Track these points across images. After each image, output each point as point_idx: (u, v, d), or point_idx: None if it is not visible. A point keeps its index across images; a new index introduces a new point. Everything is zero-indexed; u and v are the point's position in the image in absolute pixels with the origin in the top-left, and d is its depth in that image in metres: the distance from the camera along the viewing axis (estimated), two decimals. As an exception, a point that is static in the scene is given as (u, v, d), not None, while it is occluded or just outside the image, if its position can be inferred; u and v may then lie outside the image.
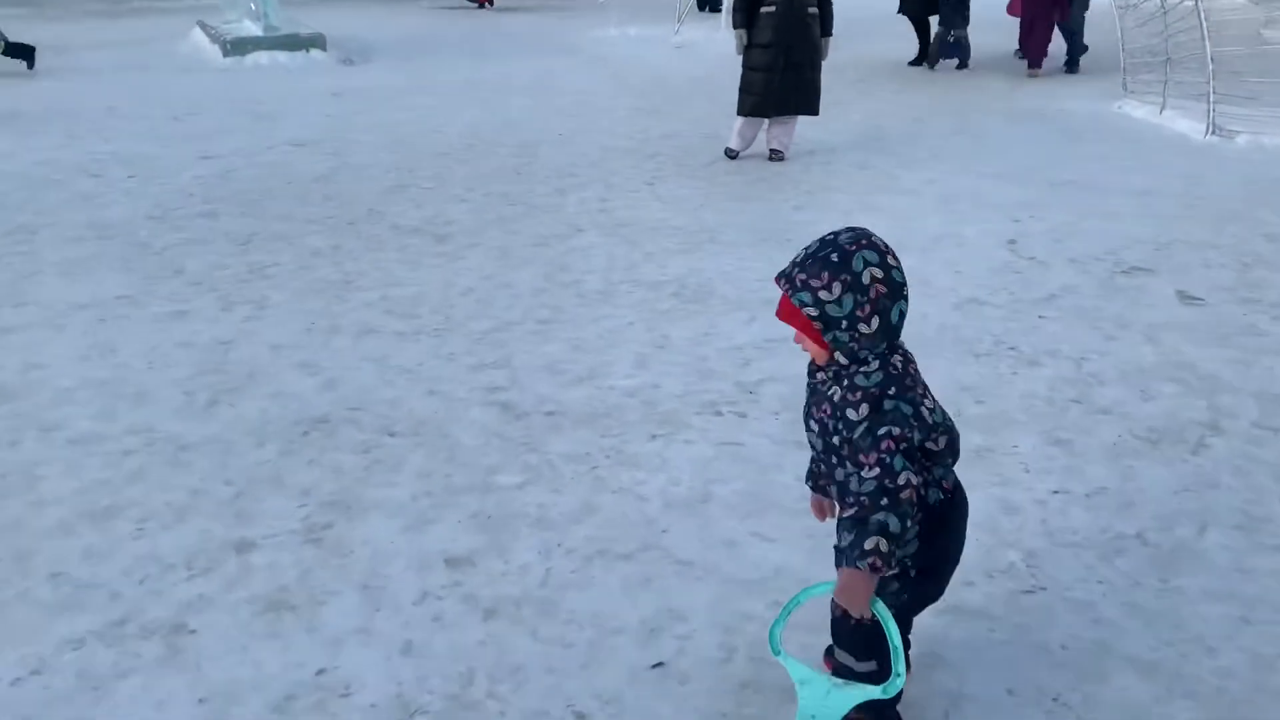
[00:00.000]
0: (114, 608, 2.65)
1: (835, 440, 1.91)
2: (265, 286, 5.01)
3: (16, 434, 3.55)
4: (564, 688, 2.39)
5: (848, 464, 1.90)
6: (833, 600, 1.94)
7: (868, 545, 1.80)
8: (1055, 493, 3.24)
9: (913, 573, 2.02)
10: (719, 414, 3.71)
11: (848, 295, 1.83)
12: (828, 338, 1.87)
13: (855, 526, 1.83)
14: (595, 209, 6.44)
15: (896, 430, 1.83)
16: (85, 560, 2.85)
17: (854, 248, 1.84)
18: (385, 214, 6.29)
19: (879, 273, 1.84)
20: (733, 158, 7.86)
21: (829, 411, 1.91)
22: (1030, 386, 3.97)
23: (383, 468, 3.33)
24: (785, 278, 1.89)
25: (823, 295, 1.83)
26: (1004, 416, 3.72)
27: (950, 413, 3.82)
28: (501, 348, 4.28)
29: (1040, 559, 2.90)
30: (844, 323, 1.85)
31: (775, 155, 7.84)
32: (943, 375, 3.98)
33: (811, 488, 2.23)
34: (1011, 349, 4.32)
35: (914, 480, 1.82)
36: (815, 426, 1.98)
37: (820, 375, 1.96)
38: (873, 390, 1.86)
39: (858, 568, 1.81)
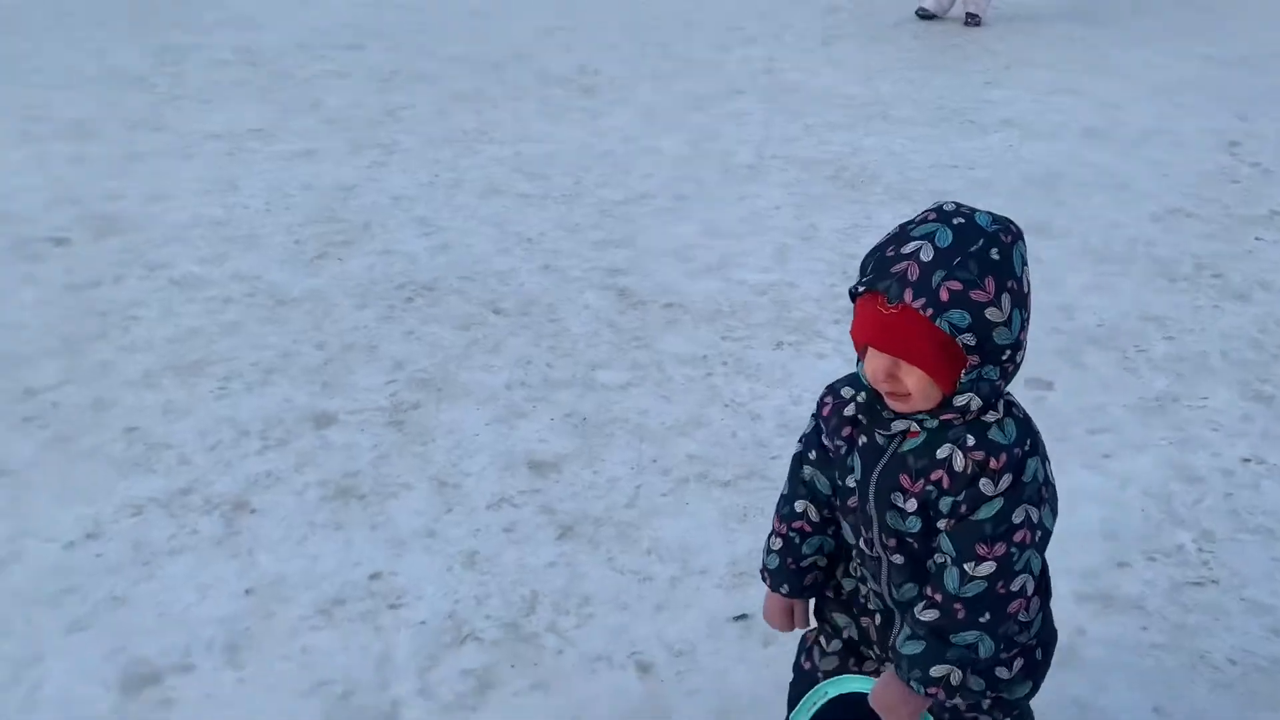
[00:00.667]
0: (181, 474, 2.52)
1: (944, 521, 1.30)
2: (398, 130, 4.77)
3: (123, 269, 3.46)
4: (632, 630, 2.13)
5: (948, 551, 1.30)
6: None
7: (936, 672, 1.29)
8: (1247, 461, 2.72)
9: (1039, 653, 1.46)
10: (858, 323, 3.30)
11: (1016, 312, 1.22)
12: (970, 376, 1.24)
13: (931, 638, 1.30)
14: (759, 69, 5.90)
15: (1035, 514, 1.28)
16: (163, 417, 2.73)
17: (1009, 238, 1.23)
18: (533, 58, 5.93)
19: (1029, 271, 1.26)
20: (924, 18, 7.09)
21: (946, 483, 1.29)
22: (1234, 324, 3.38)
23: (482, 348, 3.08)
24: (916, 289, 1.19)
25: (990, 315, 1.20)
26: (1197, 359, 3.17)
27: (1131, 348, 3.36)
28: (630, 223, 3.93)
29: (1218, 545, 2.43)
30: (1006, 353, 1.24)
31: (971, 20, 7.03)
32: (1128, 300, 3.43)
33: (779, 588, 1.52)
34: (1216, 276, 3.69)
35: (1031, 589, 1.30)
36: (908, 504, 1.32)
37: (900, 426, 1.31)
38: (1015, 450, 1.27)
39: (911, 688, 1.32)
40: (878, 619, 1.46)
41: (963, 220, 1.22)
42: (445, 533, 2.37)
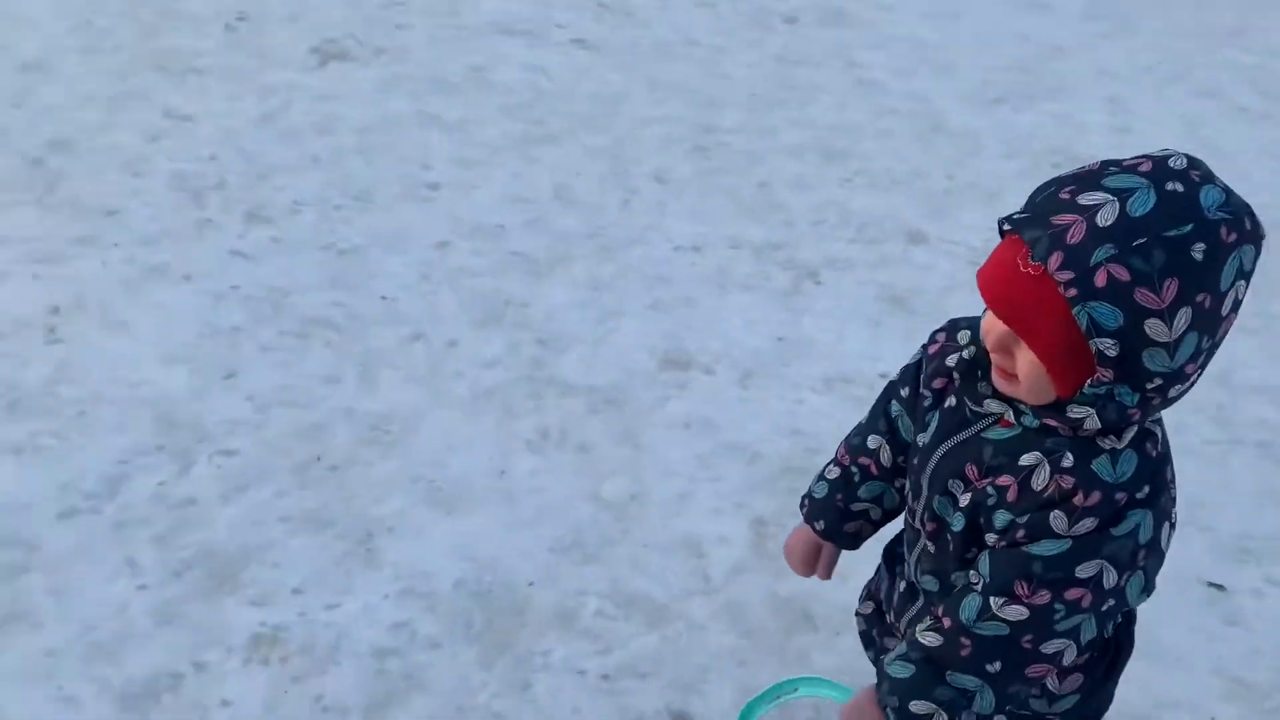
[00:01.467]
0: (780, 232, 2.87)
1: (993, 536, 1.05)
2: (1142, 7, 4.49)
3: (828, 59, 3.83)
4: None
5: (983, 573, 1.05)
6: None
7: (916, 708, 1.07)
8: None
9: None
10: None
11: (1192, 335, 0.90)
12: (1095, 390, 0.93)
13: (924, 666, 1.08)
14: None
15: (1112, 577, 0.99)
16: (791, 185, 3.09)
17: (1232, 236, 0.88)
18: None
19: (1244, 289, 0.91)
20: None
21: (1013, 495, 1.02)
22: None
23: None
24: (1068, 256, 0.89)
25: (1151, 329, 0.89)
26: None
27: None
28: None
29: None
30: (1156, 380, 0.92)
31: None
32: None
33: (815, 520, 1.28)
34: None
35: (1071, 659, 1.05)
36: (963, 498, 1.07)
37: (994, 407, 1.05)
38: (1116, 494, 0.97)
39: (885, 712, 1.11)
40: (901, 585, 1.25)
41: (1180, 188, 0.87)
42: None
